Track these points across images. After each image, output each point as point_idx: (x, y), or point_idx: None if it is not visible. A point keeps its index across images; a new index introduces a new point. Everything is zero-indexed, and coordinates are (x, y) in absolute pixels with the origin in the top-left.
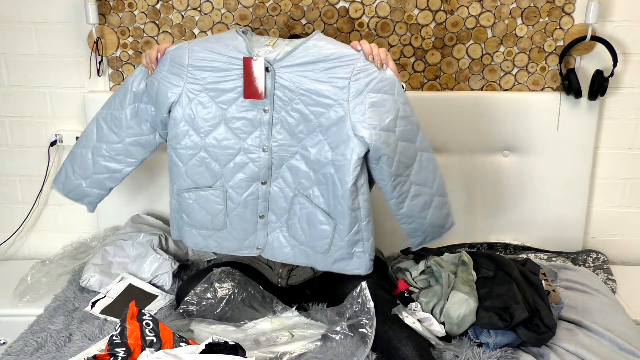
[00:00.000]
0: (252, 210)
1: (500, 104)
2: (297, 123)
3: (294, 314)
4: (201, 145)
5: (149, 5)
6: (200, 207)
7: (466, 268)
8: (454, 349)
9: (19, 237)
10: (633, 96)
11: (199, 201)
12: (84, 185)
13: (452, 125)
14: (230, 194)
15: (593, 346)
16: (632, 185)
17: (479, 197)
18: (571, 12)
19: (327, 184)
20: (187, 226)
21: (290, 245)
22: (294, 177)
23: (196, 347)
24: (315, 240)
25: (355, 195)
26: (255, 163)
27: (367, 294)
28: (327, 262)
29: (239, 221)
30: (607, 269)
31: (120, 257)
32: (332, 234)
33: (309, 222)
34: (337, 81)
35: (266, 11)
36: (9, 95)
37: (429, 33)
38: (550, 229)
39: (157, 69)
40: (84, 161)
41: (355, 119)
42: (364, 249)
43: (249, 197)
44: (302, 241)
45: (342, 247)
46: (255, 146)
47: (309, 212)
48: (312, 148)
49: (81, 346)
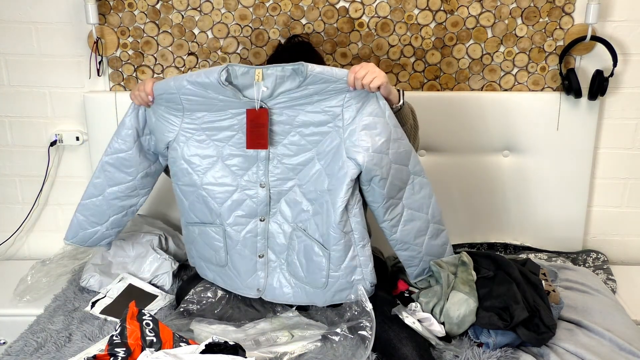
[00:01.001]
0: (251, 249)
1: (500, 104)
2: (294, 155)
3: (294, 314)
4: (199, 183)
5: (149, 5)
6: (204, 242)
7: (466, 268)
8: (454, 349)
9: (19, 237)
10: (633, 96)
11: (202, 236)
12: (103, 230)
13: (452, 125)
14: (229, 232)
15: (593, 346)
16: (632, 185)
17: (479, 197)
18: (571, 12)
19: (322, 213)
20: (197, 258)
21: (290, 285)
22: (292, 211)
23: (196, 347)
24: (313, 274)
25: (347, 218)
26: (253, 199)
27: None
28: (327, 297)
29: (239, 259)
30: (607, 269)
31: (120, 257)
32: (327, 266)
33: (306, 255)
34: (330, 110)
35: (266, 11)
36: (9, 95)
37: (429, 33)
38: (550, 229)
39: (154, 105)
40: (99, 209)
41: (349, 143)
42: (363, 276)
43: (247, 234)
44: (301, 278)
45: (340, 277)
46: (252, 182)
47: (305, 245)
48: (309, 178)
49: (81, 346)
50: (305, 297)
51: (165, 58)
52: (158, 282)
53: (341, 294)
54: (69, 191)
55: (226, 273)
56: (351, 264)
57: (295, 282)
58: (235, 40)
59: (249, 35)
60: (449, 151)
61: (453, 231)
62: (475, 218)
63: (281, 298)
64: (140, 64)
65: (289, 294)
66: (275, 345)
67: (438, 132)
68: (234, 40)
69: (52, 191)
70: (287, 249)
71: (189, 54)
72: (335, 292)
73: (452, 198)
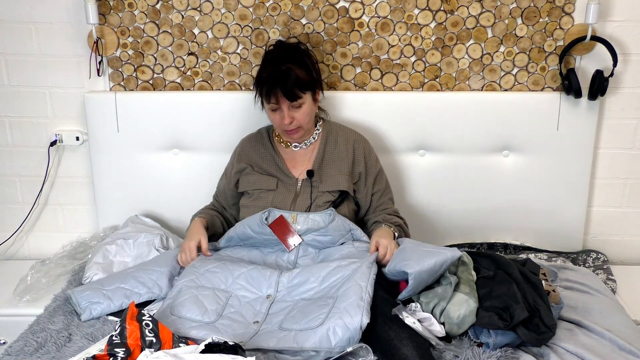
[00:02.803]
0: (249, 316)
1: (500, 104)
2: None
3: None
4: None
5: (149, 5)
6: (198, 300)
7: (466, 268)
8: (454, 349)
9: (19, 237)
10: (633, 96)
11: (196, 295)
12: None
13: (452, 125)
14: (232, 301)
15: (593, 346)
16: (632, 185)
17: (479, 197)
18: (571, 12)
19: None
20: (172, 315)
21: (277, 338)
22: (301, 288)
23: (196, 347)
24: (309, 322)
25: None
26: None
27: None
28: (318, 333)
29: (231, 323)
30: (607, 269)
31: (121, 256)
32: (331, 308)
33: (305, 312)
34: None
35: (266, 11)
36: (9, 95)
37: (429, 33)
38: (550, 229)
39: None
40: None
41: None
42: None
43: (251, 306)
44: (291, 329)
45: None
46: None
47: (306, 305)
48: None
49: (81, 346)
50: (293, 341)
51: (165, 58)
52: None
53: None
54: (69, 191)
55: (211, 327)
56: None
57: (284, 333)
58: (235, 40)
59: (249, 35)
60: (449, 151)
61: (453, 231)
62: (475, 218)
63: (265, 345)
64: (140, 64)
65: (273, 343)
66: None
67: (438, 132)
68: (234, 40)
69: (52, 191)
70: (285, 315)
71: (189, 54)
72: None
73: (452, 198)
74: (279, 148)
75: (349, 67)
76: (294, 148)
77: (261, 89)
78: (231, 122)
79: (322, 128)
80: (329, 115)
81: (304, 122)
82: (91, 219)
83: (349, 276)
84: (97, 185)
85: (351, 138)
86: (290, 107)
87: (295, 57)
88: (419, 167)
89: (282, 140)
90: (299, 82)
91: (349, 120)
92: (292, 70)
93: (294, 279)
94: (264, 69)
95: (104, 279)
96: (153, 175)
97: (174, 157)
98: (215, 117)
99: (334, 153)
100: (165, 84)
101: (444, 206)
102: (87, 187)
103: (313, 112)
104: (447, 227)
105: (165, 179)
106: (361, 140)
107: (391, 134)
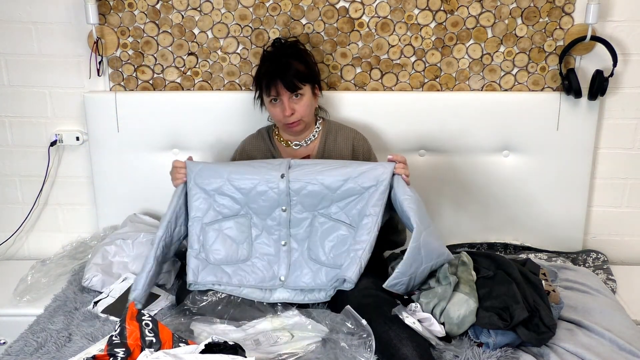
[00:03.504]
0: (275, 238)
1: (500, 104)
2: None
3: (295, 312)
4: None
5: (149, 5)
6: (226, 238)
7: (466, 268)
8: (454, 349)
9: (19, 237)
10: (633, 96)
11: (223, 232)
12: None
13: (452, 125)
14: (254, 221)
15: (593, 346)
16: (632, 185)
17: (478, 197)
18: (571, 12)
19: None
20: (210, 264)
21: (312, 270)
22: (312, 200)
23: (196, 347)
24: (338, 255)
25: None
26: (274, 190)
27: (355, 315)
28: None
29: (264, 248)
30: (607, 269)
31: (120, 256)
32: (351, 241)
33: (330, 238)
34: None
35: (266, 11)
36: (9, 95)
37: (429, 33)
38: (550, 229)
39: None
40: None
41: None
42: (361, 257)
43: (270, 223)
44: (322, 262)
45: (351, 250)
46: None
47: (330, 228)
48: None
49: (81, 346)
50: (325, 279)
51: (165, 58)
52: (160, 281)
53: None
54: (69, 191)
55: (248, 268)
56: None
57: (317, 267)
58: (235, 40)
59: (249, 35)
60: (449, 151)
61: (453, 231)
62: (475, 218)
63: (303, 284)
64: (140, 64)
65: (309, 280)
66: (275, 345)
67: (438, 132)
68: (234, 40)
69: (52, 191)
70: (309, 235)
71: (189, 54)
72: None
73: (452, 198)
74: (279, 147)
75: (349, 67)
76: (295, 147)
77: (261, 83)
78: (231, 122)
79: (322, 127)
80: (328, 115)
81: (304, 114)
82: (91, 219)
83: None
84: (97, 185)
85: (350, 136)
86: (291, 98)
87: (293, 53)
88: (418, 167)
89: (283, 139)
90: (299, 73)
91: (348, 120)
92: (292, 63)
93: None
94: (263, 65)
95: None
96: (153, 175)
97: (174, 157)
98: (215, 117)
99: (334, 151)
100: (165, 84)
101: (444, 206)
102: (87, 187)
103: (313, 106)
104: (447, 227)
105: (165, 179)
106: (360, 138)
107: (391, 133)
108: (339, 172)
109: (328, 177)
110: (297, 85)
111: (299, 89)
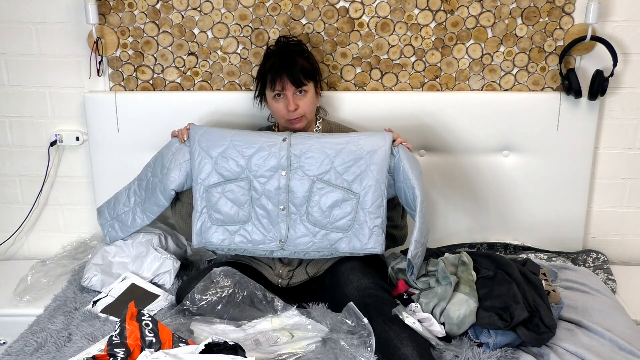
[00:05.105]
0: (274, 202)
1: (500, 104)
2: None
3: (295, 312)
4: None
5: (149, 5)
6: (228, 200)
7: (466, 268)
8: (454, 349)
9: (19, 237)
10: (633, 96)
11: (226, 195)
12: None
13: (452, 125)
14: (255, 185)
15: (593, 346)
16: (632, 185)
17: (479, 197)
18: (571, 12)
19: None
20: (214, 225)
21: (311, 233)
22: (312, 165)
23: (196, 347)
24: (338, 220)
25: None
26: (275, 154)
27: (357, 312)
28: (350, 243)
29: (263, 212)
30: (607, 269)
31: (120, 257)
32: (355, 208)
33: (329, 203)
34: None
35: (266, 11)
36: (9, 95)
37: (429, 33)
38: (550, 229)
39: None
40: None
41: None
42: (382, 227)
43: (271, 187)
44: (323, 225)
45: (364, 222)
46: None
47: (328, 193)
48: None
49: (81, 346)
50: (328, 243)
51: (165, 58)
52: (159, 281)
53: (358, 243)
54: (69, 191)
55: (249, 229)
56: (377, 212)
57: (315, 230)
58: (235, 40)
59: (249, 35)
60: (449, 151)
61: (453, 231)
62: (475, 218)
63: (302, 247)
64: (140, 64)
65: (309, 243)
66: (275, 345)
67: (438, 132)
68: (234, 40)
69: (52, 191)
70: (308, 200)
71: (189, 54)
72: (352, 237)
73: (452, 198)
74: None
75: (349, 67)
76: None
77: (265, 78)
78: (231, 122)
79: (322, 126)
80: (328, 115)
81: (307, 110)
82: (91, 219)
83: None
84: (97, 185)
85: None
86: (295, 94)
87: (298, 50)
88: None
89: None
90: (304, 69)
91: (349, 120)
92: (297, 59)
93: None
94: (267, 60)
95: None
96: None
97: None
98: (215, 117)
99: None
100: (165, 84)
101: (444, 206)
102: (87, 187)
103: (315, 105)
104: (447, 227)
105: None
106: None
107: None
108: (340, 138)
109: (328, 142)
110: (303, 81)
111: (304, 85)
